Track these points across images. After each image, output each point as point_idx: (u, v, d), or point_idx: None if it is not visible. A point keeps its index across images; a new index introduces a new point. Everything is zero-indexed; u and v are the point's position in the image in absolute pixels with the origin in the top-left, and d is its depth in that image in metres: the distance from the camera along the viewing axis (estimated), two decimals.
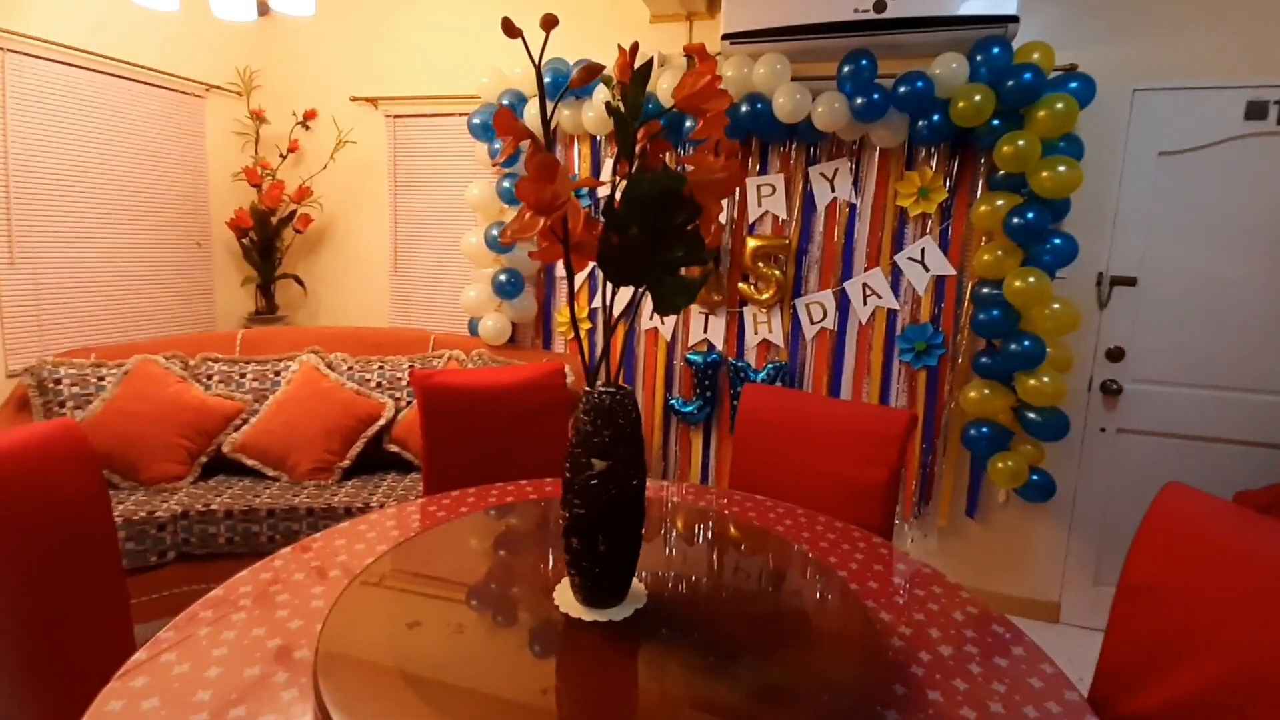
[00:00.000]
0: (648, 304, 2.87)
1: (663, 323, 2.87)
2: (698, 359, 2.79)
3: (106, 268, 2.77)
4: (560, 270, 2.98)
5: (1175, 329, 2.38)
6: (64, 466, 1.16)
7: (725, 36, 2.46)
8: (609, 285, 1.00)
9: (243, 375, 2.55)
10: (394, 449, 2.50)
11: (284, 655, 0.95)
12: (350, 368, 2.64)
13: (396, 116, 3.22)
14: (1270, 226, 2.28)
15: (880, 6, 2.21)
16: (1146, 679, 1.03)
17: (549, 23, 0.93)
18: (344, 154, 3.27)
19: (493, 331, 2.89)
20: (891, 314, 2.58)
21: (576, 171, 2.91)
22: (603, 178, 2.84)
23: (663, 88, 2.49)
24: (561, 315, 3.01)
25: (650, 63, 1.03)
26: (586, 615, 0.99)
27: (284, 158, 3.31)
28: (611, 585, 1.01)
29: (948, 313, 2.50)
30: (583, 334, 2.98)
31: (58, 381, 2.29)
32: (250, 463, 2.35)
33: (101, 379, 2.35)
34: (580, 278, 2.96)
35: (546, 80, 2.68)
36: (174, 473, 2.26)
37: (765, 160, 2.66)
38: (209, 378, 2.51)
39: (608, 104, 1.04)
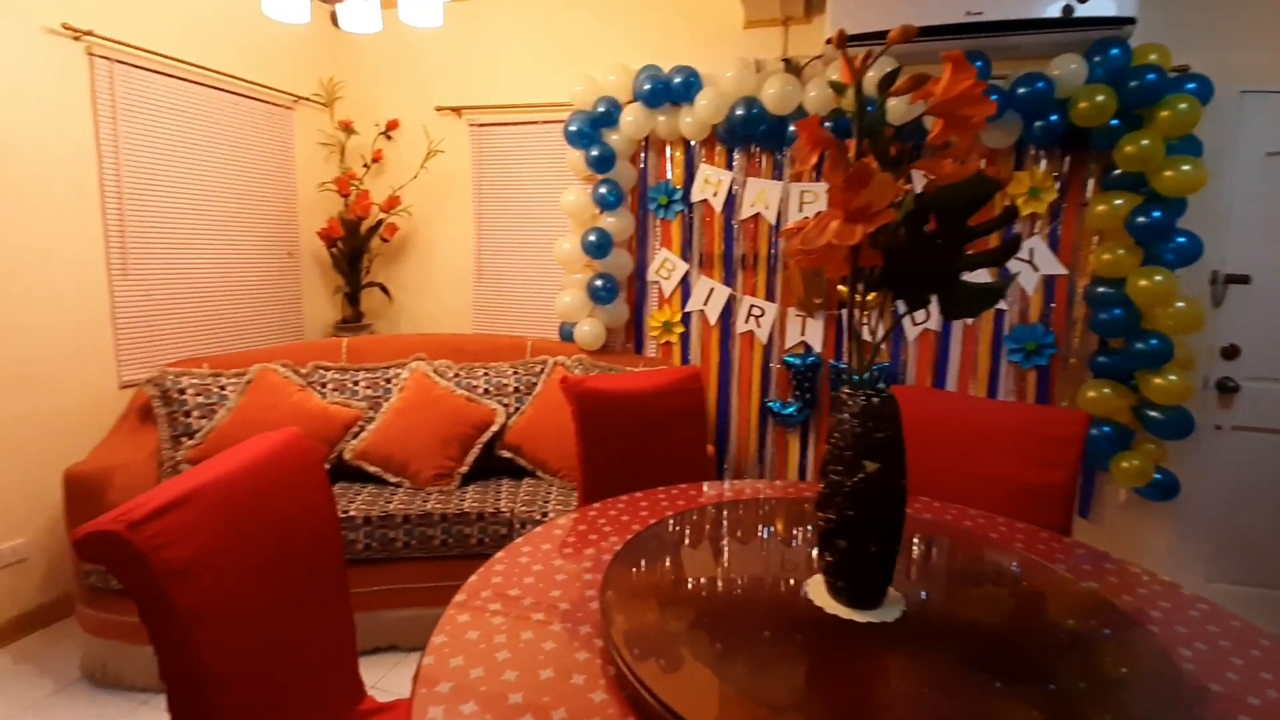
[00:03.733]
0: (743, 306, 2.89)
1: (758, 326, 2.88)
2: (796, 361, 2.80)
3: (208, 278, 2.81)
4: (653, 274, 3.00)
5: None
6: (299, 471, 1.18)
7: (830, 41, 2.47)
8: (711, 292, 1.01)
9: (355, 383, 2.57)
10: (507, 454, 2.52)
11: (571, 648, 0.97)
12: (456, 374, 2.66)
13: (480, 125, 3.24)
14: None
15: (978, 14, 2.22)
16: None
17: (907, 34, 0.93)
18: (427, 163, 3.30)
19: (588, 337, 2.91)
20: (999, 314, 2.58)
21: (669, 177, 2.93)
22: (698, 183, 2.86)
23: (768, 93, 2.50)
24: (654, 319, 3.03)
25: (897, 71, 1.05)
26: (859, 617, 1.00)
27: (367, 168, 3.34)
28: (877, 587, 1.02)
29: (1058, 312, 2.50)
30: (674, 338, 3.01)
31: (181, 391, 2.31)
32: (372, 469, 2.37)
33: (223, 388, 2.38)
34: (671, 283, 2.98)
35: (645, 87, 2.70)
36: None
37: None
38: (323, 386, 2.54)
39: (853, 112, 1.05)
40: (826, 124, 2.52)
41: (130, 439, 2.23)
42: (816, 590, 1.08)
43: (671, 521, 1.39)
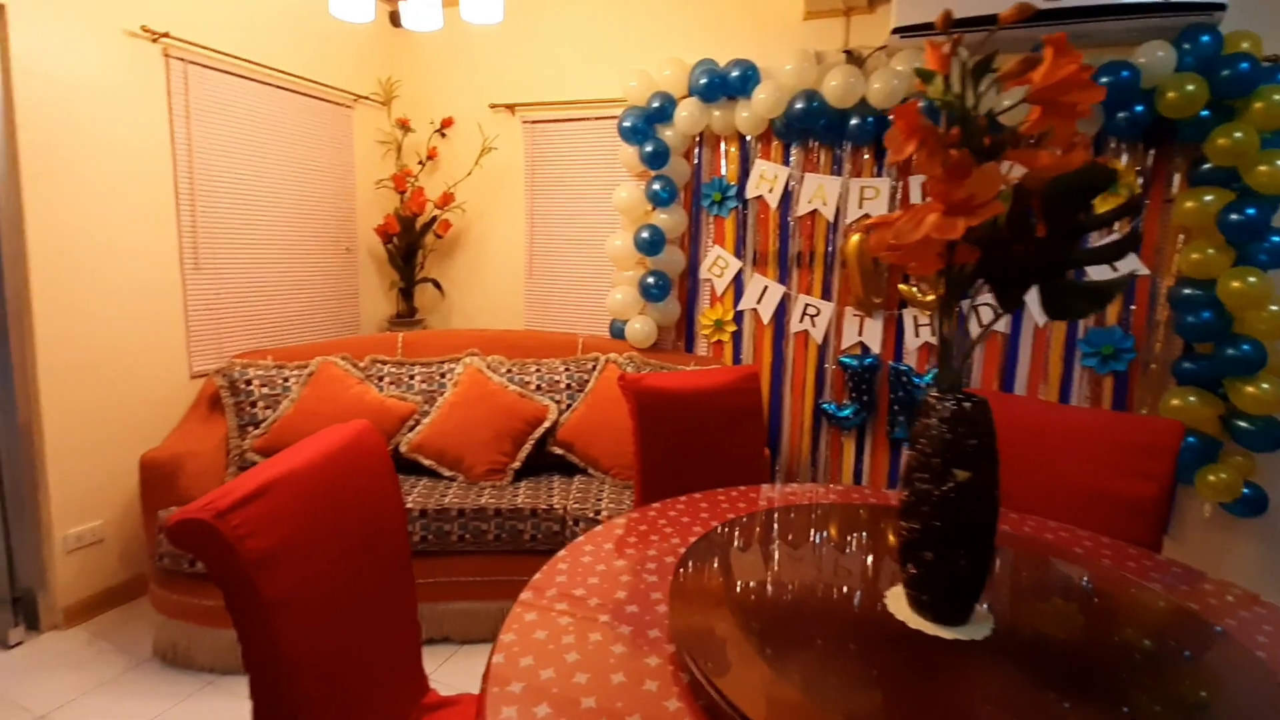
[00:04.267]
0: (798, 305, 2.83)
1: (813, 325, 2.81)
2: (852, 362, 2.72)
3: (271, 272, 2.89)
4: (705, 272, 2.96)
5: None
6: (369, 462, 1.19)
7: (896, 30, 2.39)
8: (776, 289, 0.96)
9: (411, 377, 2.61)
10: (558, 451, 2.52)
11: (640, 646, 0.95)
12: (509, 370, 2.68)
13: (534, 122, 3.25)
14: None
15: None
16: None
17: (1024, 12, 0.88)
18: (481, 160, 3.33)
19: (640, 335, 2.88)
20: None
21: (723, 173, 2.88)
22: (754, 179, 2.81)
23: (830, 86, 2.43)
24: (705, 318, 2.99)
25: (992, 56, 0.99)
26: (946, 633, 0.95)
27: (422, 165, 3.39)
28: (964, 602, 0.97)
29: (1139, 315, 2.37)
30: (726, 337, 2.96)
31: (248, 382, 2.38)
32: (427, 462, 2.40)
33: (286, 380, 2.44)
34: (724, 281, 2.94)
35: (701, 82, 2.66)
36: None
37: None
38: (380, 379, 2.58)
39: (946, 102, 1.00)
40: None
41: (200, 427, 2.31)
42: (897, 603, 1.03)
43: (736, 525, 1.36)
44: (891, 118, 2.17)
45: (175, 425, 2.52)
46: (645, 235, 2.78)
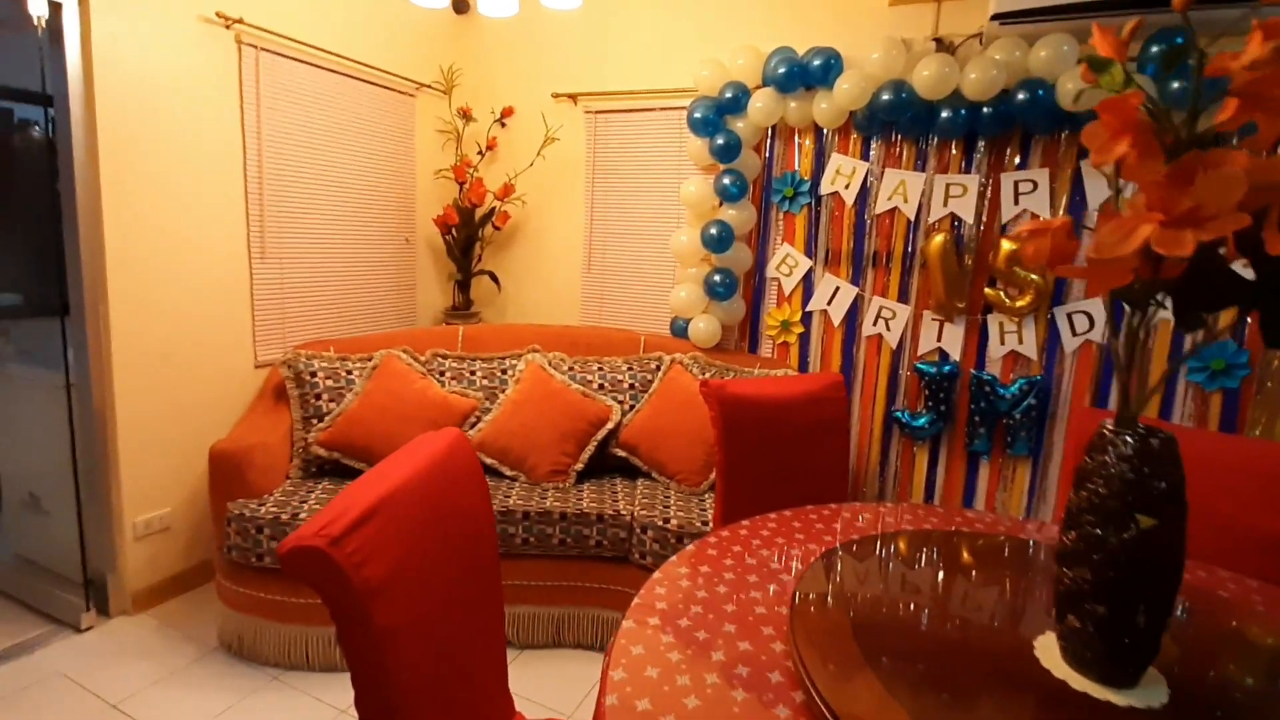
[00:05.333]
0: (872, 308, 2.69)
1: (888, 329, 2.67)
2: (929, 369, 2.58)
3: (333, 262, 2.87)
4: (773, 271, 2.84)
5: None
6: (464, 473, 1.12)
7: (995, 17, 2.23)
8: (839, 287, 0.84)
9: (472, 372, 2.56)
10: (621, 453, 2.44)
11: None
12: (570, 368, 2.61)
13: (597, 112, 3.16)
14: None
15: None
16: None
17: None
18: (544, 151, 3.26)
19: (704, 334, 2.79)
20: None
21: (795, 168, 2.76)
22: (829, 174, 2.68)
23: (921, 75, 2.29)
24: (771, 318, 2.87)
25: (1190, 38, 0.86)
26: (1116, 698, 0.84)
27: (482, 155, 3.34)
28: (1138, 664, 0.86)
29: (1254, 327, 2.17)
30: (792, 339, 2.84)
31: (313, 374, 2.36)
32: (489, 461, 2.35)
33: (349, 372, 2.41)
34: (792, 280, 2.82)
35: (780, 71, 2.53)
36: None
37: (1026, 153, 2.41)
38: (441, 374, 2.54)
39: (1151, 100, 0.87)
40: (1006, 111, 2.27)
41: (266, 419, 2.29)
42: (1049, 654, 0.92)
43: (846, 551, 1.26)
44: (986, 112, 2.00)
45: (240, 415, 2.53)
46: (713, 231, 2.67)
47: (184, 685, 1.92)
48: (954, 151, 2.49)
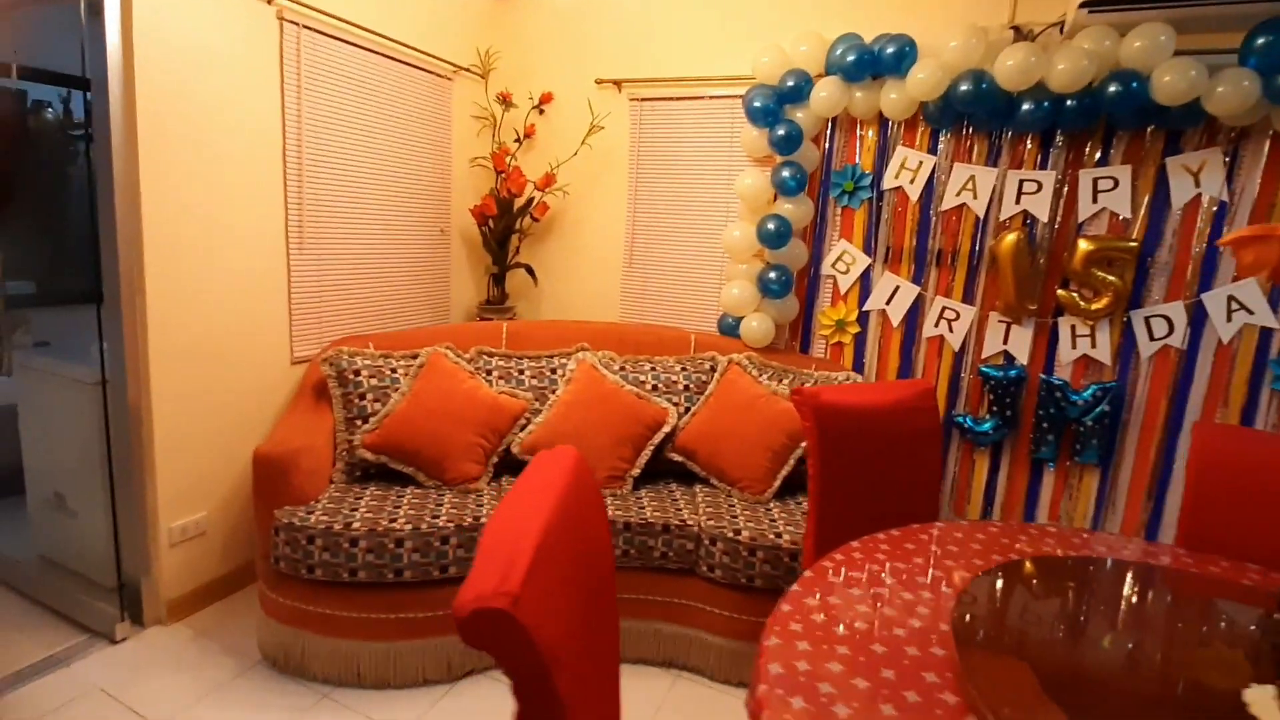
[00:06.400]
0: (934, 308, 2.59)
1: (950, 330, 2.57)
2: (995, 373, 2.48)
3: (370, 253, 2.74)
4: (828, 268, 2.73)
5: None
6: (591, 498, 1.01)
7: (1084, 5, 2.11)
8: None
9: (520, 371, 2.45)
10: (678, 458, 2.34)
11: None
12: (621, 368, 2.50)
13: (642, 100, 3.03)
14: None
15: None
16: None
17: None
18: (588, 139, 3.13)
19: (757, 333, 2.68)
20: (1265, 333, 2.18)
21: (857, 161, 2.64)
22: (893, 167, 2.56)
23: (1006, 65, 2.17)
24: (825, 317, 2.77)
25: None
26: None
27: (519, 142, 3.21)
28: None
29: None
30: (847, 339, 2.74)
31: (356, 373, 2.24)
32: None
33: (394, 371, 2.29)
34: (849, 278, 2.71)
35: (848, 59, 2.41)
36: (473, 473, 2.17)
37: (1107, 149, 2.30)
38: (488, 373, 2.43)
39: None
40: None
41: (308, 419, 2.18)
42: (1266, 708, 0.83)
43: (991, 583, 1.16)
44: (1027, 107, 1.89)
45: (278, 413, 2.41)
46: (771, 226, 2.56)
47: (229, 702, 1.81)
48: (1029, 146, 2.38)
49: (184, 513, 2.15)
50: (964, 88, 2.24)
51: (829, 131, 2.66)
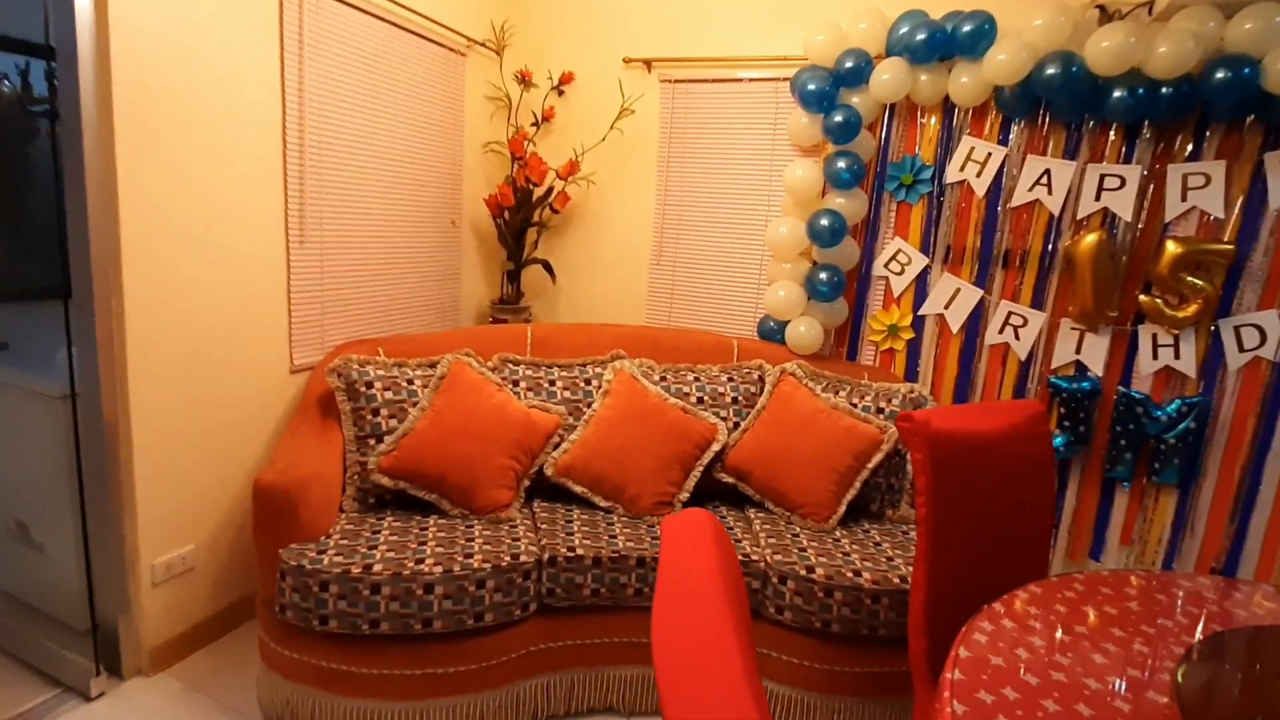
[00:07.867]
0: (999, 313, 2.39)
1: (1017, 337, 2.37)
2: (1066, 385, 2.29)
3: (375, 247, 2.46)
4: (881, 268, 2.51)
5: None
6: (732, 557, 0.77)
7: None
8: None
9: (551, 382, 2.19)
10: (728, 479, 2.11)
11: None
12: (663, 378, 2.25)
13: (675, 81, 2.77)
14: None
15: None
16: None
17: None
18: (606, 124, 2.87)
19: (805, 339, 2.45)
20: None
21: (917, 151, 2.41)
22: (958, 159, 2.34)
23: (1100, 47, 1.95)
24: (876, 321, 2.55)
25: None
26: None
27: (536, 126, 2.93)
28: None
29: None
30: (900, 345, 2.53)
31: (369, 384, 1.97)
32: (579, 489, 2.00)
33: (410, 382, 2.02)
34: (904, 280, 2.49)
35: (918, 37, 2.18)
36: (504, 499, 1.92)
37: (1200, 143, 2.10)
38: (515, 383, 2.17)
39: None
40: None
41: (314, 439, 1.90)
42: None
43: (1202, 660, 0.94)
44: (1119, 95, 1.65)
45: (276, 429, 2.13)
46: (825, 223, 2.33)
47: None
48: (1112, 138, 2.18)
49: (168, 546, 1.87)
50: (1050, 71, 2.02)
51: (885, 119, 2.43)
